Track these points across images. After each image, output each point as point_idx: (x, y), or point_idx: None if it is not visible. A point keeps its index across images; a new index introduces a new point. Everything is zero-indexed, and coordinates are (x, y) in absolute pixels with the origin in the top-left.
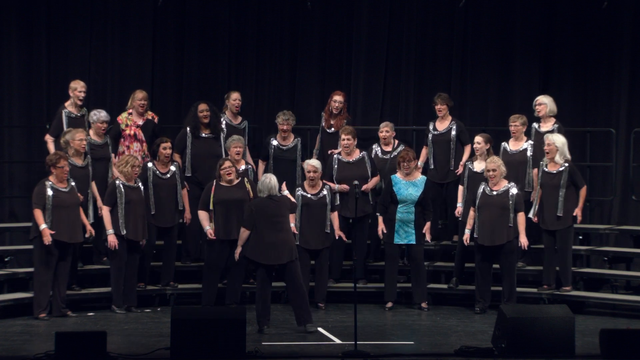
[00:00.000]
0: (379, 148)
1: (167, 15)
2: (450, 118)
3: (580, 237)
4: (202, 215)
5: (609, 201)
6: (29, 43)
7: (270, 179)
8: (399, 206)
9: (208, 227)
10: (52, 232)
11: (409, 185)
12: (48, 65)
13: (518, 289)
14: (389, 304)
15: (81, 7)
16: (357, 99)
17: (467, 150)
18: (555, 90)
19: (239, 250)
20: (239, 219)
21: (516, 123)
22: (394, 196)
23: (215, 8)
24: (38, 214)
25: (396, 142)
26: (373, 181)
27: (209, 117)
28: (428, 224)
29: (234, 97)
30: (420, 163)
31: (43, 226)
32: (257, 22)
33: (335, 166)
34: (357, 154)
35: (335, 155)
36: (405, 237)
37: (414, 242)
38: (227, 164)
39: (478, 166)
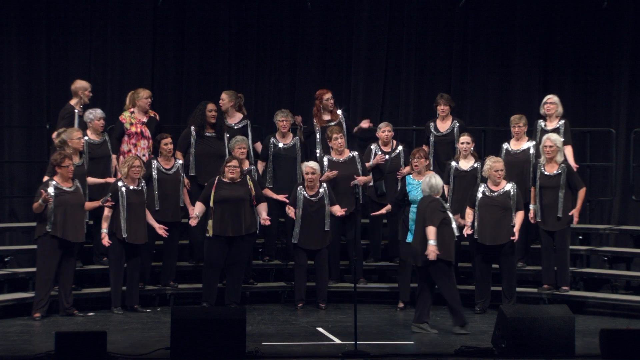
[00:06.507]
0: (378, 148)
1: (167, 15)
2: (451, 118)
3: (580, 237)
4: (198, 204)
5: (609, 201)
6: (29, 43)
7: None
8: (411, 206)
9: (195, 215)
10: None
11: (420, 185)
12: (48, 65)
13: (518, 289)
14: (401, 304)
15: (81, 7)
16: (357, 99)
17: None
18: (555, 91)
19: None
20: (236, 217)
21: (520, 124)
22: (407, 197)
23: (215, 8)
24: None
25: (394, 142)
26: (365, 178)
27: (216, 117)
28: None
29: (222, 97)
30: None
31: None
32: (257, 22)
33: (326, 165)
34: (347, 154)
35: (326, 156)
36: None
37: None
38: (234, 162)
39: (465, 165)
